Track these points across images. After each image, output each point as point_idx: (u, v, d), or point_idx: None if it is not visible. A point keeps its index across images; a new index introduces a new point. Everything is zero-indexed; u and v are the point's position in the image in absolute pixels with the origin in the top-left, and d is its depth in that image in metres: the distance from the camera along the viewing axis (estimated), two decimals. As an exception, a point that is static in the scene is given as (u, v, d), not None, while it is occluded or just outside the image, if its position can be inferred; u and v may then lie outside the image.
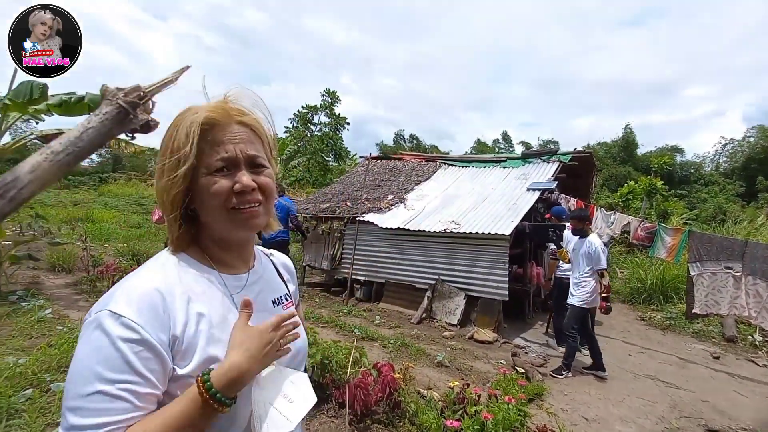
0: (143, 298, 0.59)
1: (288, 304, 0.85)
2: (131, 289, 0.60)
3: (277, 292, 0.85)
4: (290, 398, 0.70)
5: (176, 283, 0.65)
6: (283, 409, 0.68)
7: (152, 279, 0.64)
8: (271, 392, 0.69)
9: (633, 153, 27.36)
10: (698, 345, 5.43)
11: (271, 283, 0.85)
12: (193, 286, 0.67)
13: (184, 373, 0.61)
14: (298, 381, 0.74)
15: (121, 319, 0.56)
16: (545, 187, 6.33)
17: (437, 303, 5.88)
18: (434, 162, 9.07)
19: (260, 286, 0.80)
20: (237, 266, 0.77)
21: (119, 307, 0.57)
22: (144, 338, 0.56)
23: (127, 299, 0.58)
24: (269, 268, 0.88)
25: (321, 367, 2.97)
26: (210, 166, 0.66)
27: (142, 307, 0.58)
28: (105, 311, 0.57)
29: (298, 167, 22.80)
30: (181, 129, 0.65)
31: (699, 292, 4.87)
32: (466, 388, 2.60)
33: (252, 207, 0.69)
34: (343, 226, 7.23)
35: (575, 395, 3.61)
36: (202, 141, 0.65)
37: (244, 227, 0.70)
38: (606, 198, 17.94)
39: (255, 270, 0.81)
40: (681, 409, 3.47)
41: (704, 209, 17.10)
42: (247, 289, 0.76)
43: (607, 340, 5.48)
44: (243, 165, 0.68)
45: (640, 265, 8.72)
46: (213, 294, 0.70)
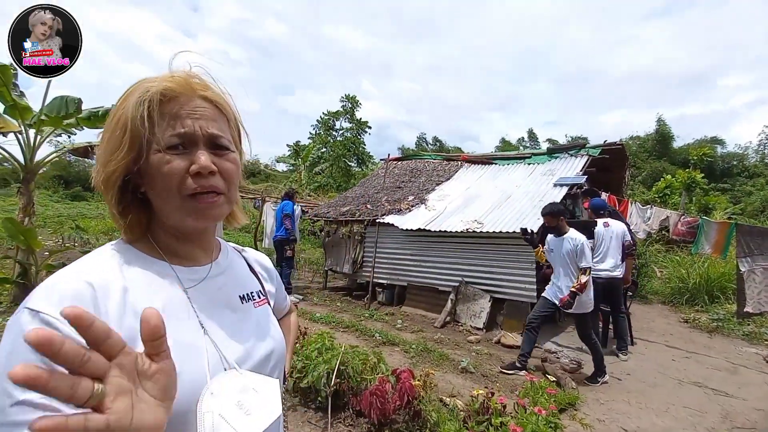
0: (66, 290, 0.50)
1: (260, 302, 0.75)
2: (54, 283, 0.52)
3: (247, 288, 0.75)
4: (248, 410, 0.58)
5: (114, 275, 0.56)
6: (235, 422, 0.55)
7: (82, 271, 0.55)
8: (224, 401, 0.56)
9: (668, 146, 26.01)
10: (750, 348, 4.97)
11: (239, 278, 0.75)
12: (136, 279, 0.58)
13: None
14: (262, 388, 0.62)
15: (39, 316, 0.47)
16: (574, 181, 6.01)
17: (461, 306, 5.67)
18: (455, 161, 8.86)
19: (224, 280, 0.70)
20: (195, 258, 0.68)
21: (37, 303, 0.48)
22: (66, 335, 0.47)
23: (46, 294, 0.50)
24: (238, 263, 0.78)
25: (337, 374, 2.86)
26: (163, 140, 0.56)
27: (63, 300, 0.49)
28: (23, 309, 0.48)
29: (321, 173, 23.04)
30: (131, 96, 0.56)
31: (751, 289, 4.45)
32: (491, 396, 2.41)
33: (210, 195, 0.59)
34: (364, 228, 7.14)
35: (613, 404, 3.34)
36: (157, 113, 0.56)
37: (200, 218, 0.61)
38: (641, 194, 17.05)
39: (218, 263, 0.71)
40: (733, 420, 3.13)
41: (750, 203, 15.95)
42: (207, 282, 0.66)
43: (647, 344, 5.11)
44: (202, 144, 0.59)
45: (682, 264, 8.18)
46: (160, 287, 0.60)
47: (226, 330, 0.64)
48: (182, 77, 0.59)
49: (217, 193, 0.60)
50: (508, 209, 5.86)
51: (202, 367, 0.57)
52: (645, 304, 7.62)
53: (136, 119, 0.55)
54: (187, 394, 0.53)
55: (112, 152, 0.56)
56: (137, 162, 0.57)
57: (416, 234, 6.26)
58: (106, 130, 0.58)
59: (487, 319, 5.32)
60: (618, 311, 4.65)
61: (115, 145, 0.56)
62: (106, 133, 0.58)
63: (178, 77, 0.59)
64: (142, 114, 0.55)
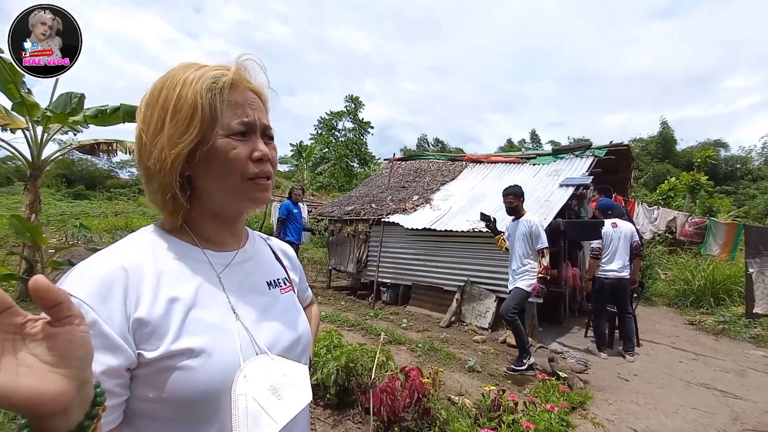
0: (98, 275, 0.52)
1: (286, 288, 0.76)
2: (87, 267, 0.53)
3: (274, 274, 0.76)
4: (280, 394, 0.59)
5: (148, 261, 0.58)
6: (268, 405, 0.56)
7: (116, 256, 0.57)
8: (256, 385, 0.57)
9: (671, 149, 25.98)
10: (757, 351, 4.94)
11: (265, 265, 0.76)
12: (170, 265, 0.59)
13: (153, 357, 0.52)
14: (293, 374, 0.63)
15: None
16: (579, 182, 6.00)
17: (466, 306, 5.66)
18: (459, 162, 8.85)
19: (252, 265, 0.71)
20: (226, 243, 0.69)
21: (68, 287, 0.50)
22: (92, 319, 0.48)
23: (78, 278, 0.52)
24: (264, 250, 0.79)
25: (346, 371, 2.85)
26: (229, 127, 0.60)
27: (93, 285, 0.51)
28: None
29: (324, 173, 23.06)
30: (197, 83, 0.58)
31: (760, 290, 4.44)
32: (502, 394, 2.40)
33: (264, 179, 0.64)
34: (369, 228, 7.14)
35: (621, 404, 3.32)
36: (226, 101, 0.60)
37: (253, 201, 0.64)
38: (644, 197, 17.01)
39: (245, 249, 0.72)
40: (744, 422, 3.11)
41: (754, 206, 15.92)
42: (233, 268, 0.67)
43: (653, 345, 5.09)
44: (259, 133, 0.64)
45: (686, 266, 8.15)
46: (194, 273, 0.61)
47: (256, 314, 0.65)
48: (240, 70, 0.63)
49: (268, 178, 0.65)
50: (514, 209, 5.84)
51: (234, 350, 0.58)
52: (649, 306, 7.59)
53: (206, 105, 0.57)
54: (220, 376, 0.55)
55: (180, 135, 0.57)
56: (202, 145, 0.59)
57: (421, 233, 6.25)
58: (162, 113, 0.58)
59: (493, 319, 5.31)
60: (625, 312, 4.63)
61: (183, 128, 0.57)
62: (166, 116, 0.58)
63: (234, 68, 0.62)
64: (213, 100, 0.58)
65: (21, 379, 0.33)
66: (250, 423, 0.54)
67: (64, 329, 0.36)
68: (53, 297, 0.35)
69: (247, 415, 0.54)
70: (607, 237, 4.59)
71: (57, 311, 0.35)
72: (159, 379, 0.51)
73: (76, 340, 0.37)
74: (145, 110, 0.60)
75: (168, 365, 0.52)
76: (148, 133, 0.59)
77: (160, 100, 0.59)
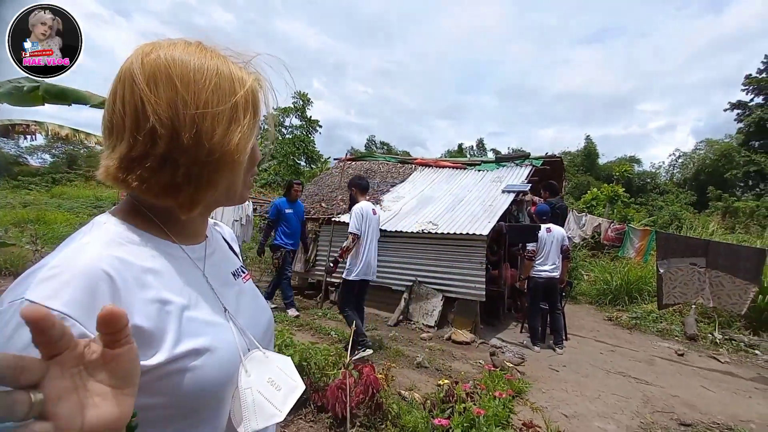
0: (75, 281, 0.44)
1: (246, 277, 0.75)
2: (55, 272, 0.44)
3: (234, 264, 0.75)
4: (278, 385, 0.61)
5: (126, 260, 0.51)
6: (272, 397, 0.58)
7: (88, 256, 0.48)
8: (258, 378, 0.59)
9: (594, 162, 28.63)
10: (663, 343, 5.64)
11: (226, 254, 0.75)
12: (151, 264, 0.54)
13: (153, 364, 0.48)
14: (284, 366, 0.65)
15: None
16: (520, 189, 6.45)
17: (414, 305, 5.82)
18: (409, 164, 9.07)
19: (217, 257, 0.70)
20: (198, 234, 0.66)
21: (40, 295, 0.41)
22: (81, 334, 0.41)
23: (48, 286, 0.43)
24: (219, 238, 0.77)
25: (299, 370, 2.81)
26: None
27: (73, 293, 0.43)
28: (21, 301, 0.41)
29: (268, 170, 22.32)
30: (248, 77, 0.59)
31: (667, 286, 5.23)
32: (455, 385, 2.53)
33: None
34: (318, 227, 7.06)
35: (553, 392, 3.63)
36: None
37: (243, 199, 0.67)
38: (571, 205, 18.61)
39: (210, 240, 0.70)
40: (653, 404, 3.54)
41: (660, 216, 18.06)
42: (208, 261, 0.66)
43: (579, 339, 5.60)
44: None
45: (606, 268, 9.05)
46: (178, 272, 0.57)
47: (234, 306, 0.65)
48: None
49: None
50: (461, 212, 6.13)
51: (233, 346, 0.58)
52: (575, 304, 8.31)
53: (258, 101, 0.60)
54: (221, 372, 0.55)
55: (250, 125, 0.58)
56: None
57: (371, 233, 6.30)
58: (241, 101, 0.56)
59: (439, 317, 5.51)
60: (555, 309, 5.06)
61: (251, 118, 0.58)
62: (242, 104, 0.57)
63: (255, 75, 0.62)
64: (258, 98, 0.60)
65: (101, 411, 0.33)
66: (259, 414, 0.55)
67: (123, 349, 0.34)
68: (124, 322, 0.33)
69: (255, 407, 0.56)
70: (542, 240, 4.98)
71: (117, 336, 0.34)
72: (158, 385, 0.48)
73: (135, 359, 0.36)
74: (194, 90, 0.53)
75: (170, 370, 0.49)
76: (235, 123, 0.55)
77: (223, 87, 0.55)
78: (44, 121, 5.78)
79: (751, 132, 23.47)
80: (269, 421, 0.56)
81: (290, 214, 5.76)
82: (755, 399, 3.77)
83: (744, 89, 24.26)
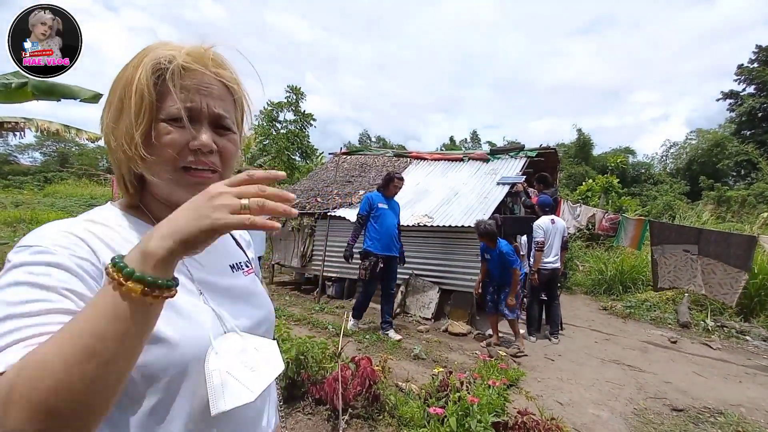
0: (60, 233, 0.52)
1: (248, 271, 0.77)
2: (46, 228, 0.53)
3: (236, 258, 0.76)
4: (252, 366, 0.61)
5: (110, 231, 0.58)
6: (243, 377, 0.58)
7: (76, 222, 0.57)
8: (229, 360, 0.59)
9: (589, 153, 28.70)
10: (656, 331, 5.72)
11: (227, 247, 0.76)
12: (133, 241, 0.58)
13: None
14: (263, 348, 0.66)
15: (31, 248, 0.49)
16: (514, 180, 6.47)
17: (411, 297, 5.85)
18: (404, 158, 9.06)
19: (211, 248, 0.71)
20: None
21: (29, 241, 0.50)
22: (59, 262, 0.49)
23: (39, 234, 0.51)
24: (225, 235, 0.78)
25: (296, 363, 2.83)
26: (168, 111, 0.56)
27: (58, 238, 0.51)
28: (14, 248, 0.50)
29: (263, 166, 22.20)
30: (147, 62, 0.56)
31: (662, 270, 5.45)
32: (449, 375, 2.56)
33: (205, 171, 0.59)
34: (314, 222, 7.06)
35: (548, 381, 3.68)
36: (170, 82, 0.56)
37: (190, 192, 0.58)
38: (566, 196, 18.71)
39: None
40: (647, 391, 3.61)
41: (654, 206, 18.22)
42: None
43: (574, 328, 5.66)
44: (206, 121, 0.59)
45: (601, 258, 9.15)
46: None
47: (220, 295, 0.66)
48: (199, 52, 0.60)
49: (213, 171, 0.61)
50: (456, 205, 6.15)
51: (203, 329, 0.59)
52: (570, 294, 8.41)
53: (150, 87, 0.55)
54: (189, 353, 0.55)
55: (136, 117, 0.55)
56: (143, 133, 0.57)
57: (367, 228, 6.31)
58: (122, 94, 0.57)
59: (436, 310, 5.55)
60: (554, 299, 5.10)
61: (136, 110, 0.55)
62: (126, 98, 0.56)
63: (195, 51, 0.59)
64: (150, 83, 0.55)
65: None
66: (227, 394, 0.55)
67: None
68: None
69: (223, 388, 0.55)
70: (548, 232, 4.94)
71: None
72: None
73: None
74: (110, 91, 0.59)
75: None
76: (110, 112, 0.58)
77: (119, 84, 0.57)
78: (33, 118, 5.74)
79: (743, 122, 23.61)
80: (238, 401, 0.56)
81: (384, 211, 4.77)
82: (745, 384, 3.85)
83: (736, 79, 24.35)
